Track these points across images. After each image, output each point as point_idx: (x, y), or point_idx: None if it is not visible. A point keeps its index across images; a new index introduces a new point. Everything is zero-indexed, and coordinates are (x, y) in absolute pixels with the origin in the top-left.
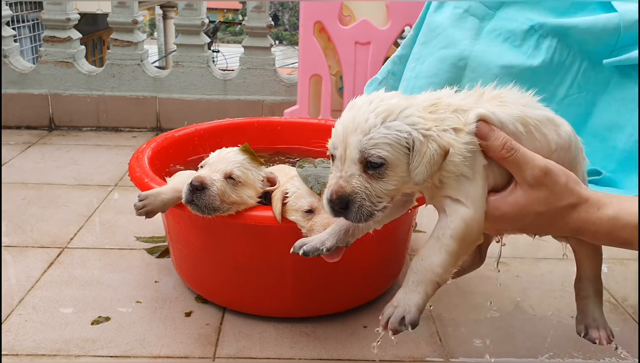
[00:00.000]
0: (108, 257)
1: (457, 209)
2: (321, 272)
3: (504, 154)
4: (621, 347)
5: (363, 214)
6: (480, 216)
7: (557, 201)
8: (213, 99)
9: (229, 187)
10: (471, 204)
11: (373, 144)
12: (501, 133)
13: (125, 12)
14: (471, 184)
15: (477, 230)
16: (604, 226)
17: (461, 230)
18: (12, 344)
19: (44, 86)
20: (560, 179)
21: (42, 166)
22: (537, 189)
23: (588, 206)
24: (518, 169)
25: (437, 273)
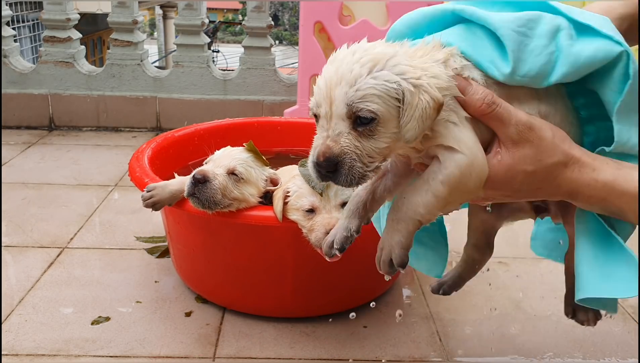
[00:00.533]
0: (108, 257)
1: (451, 156)
2: (321, 272)
3: (485, 109)
4: (621, 347)
5: (354, 177)
6: (478, 164)
7: (546, 158)
8: (213, 99)
9: (231, 183)
10: (467, 150)
11: (361, 96)
12: (480, 87)
13: (125, 12)
14: (460, 131)
15: (476, 178)
16: (599, 190)
17: (454, 177)
18: (12, 344)
19: (44, 86)
20: (546, 134)
21: (42, 166)
22: (522, 146)
23: (581, 166)
24: (500, 125)
25: (418, 212)
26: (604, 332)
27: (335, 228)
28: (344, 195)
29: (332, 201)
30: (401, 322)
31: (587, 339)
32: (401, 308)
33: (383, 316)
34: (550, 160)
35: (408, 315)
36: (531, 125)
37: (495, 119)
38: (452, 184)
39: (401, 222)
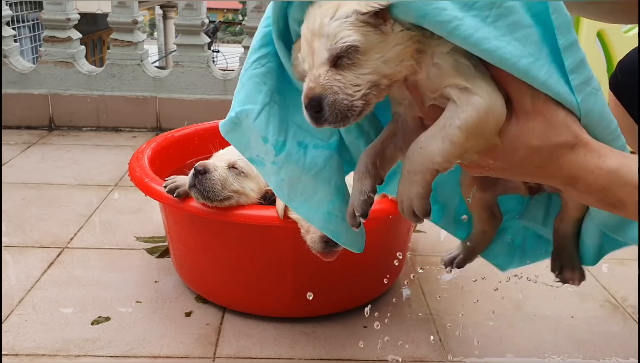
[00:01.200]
0: (108, 257)
1: (468, 99)
2: (321, 272)
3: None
4: (621, 347)
5: (340, 110)
6: (497, 107)
7: (554, 136)
8: (213, 99)
9: (232, 176)
10: (483, 92)
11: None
12: None
13: (125, 12)
14: (476, 74)
15: (494, 123)
16: (602, 178)
17: (472, 121)
18: (12, 344)
19: (44, 86)
20: (559, 111)
21: (42, 166)
22: (534, 118)
23: (587, 151)
24: (519, 91)
25: (436, 162)
26: (604, 332)
27: (351, 195)
28: None
29: None
30: (401, 322)
31: (587, 339)
32: (401, 308)
33: (383, 316)
34: (558, 138)
35: (408, 315)
36: (546, 98)
37: (513, 85)
38: (470, 129)
39: (418, 173)
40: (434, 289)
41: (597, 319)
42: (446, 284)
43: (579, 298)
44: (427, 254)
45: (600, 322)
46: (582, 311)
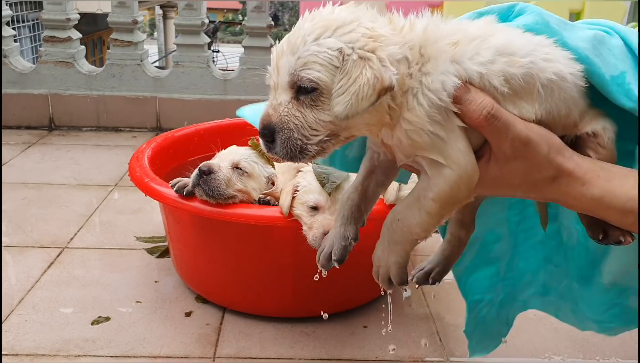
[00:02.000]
0: (108, 257)
1: (439, 172)
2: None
3: (482, 122)
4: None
5: (291, 149)
6: (468, 176)
7: (535, 174)
8: (213, 99)
9: (235, 176)
10: (454, 164)
11: (302, 64)
12: (481, 97)
13: (125, 12)
14: (447, 144)
15: (466, 190)
16: (586, 203)
17: (445, 193)
18: (12, 344)
19: (44, 86)
20: (541, 149)
21: (42, 166)
22: (514, 161)
23: (570, 181)
24: (496, 139)
25: (415, 233)
26: None
27: (331, 237)
28: None
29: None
30: (401, 322)
31: (587, 339)
32: (401, 308)
33: (383, 317)
34: (539, 175)
35: (408, 315)
36: (528, 140)
37: (491, 133)
38: (443, 200)
39: (398, 244)
40: (434, 289)
41: None
42: (446, 284)
43: None
44: (427, 254)
45: None
46: None
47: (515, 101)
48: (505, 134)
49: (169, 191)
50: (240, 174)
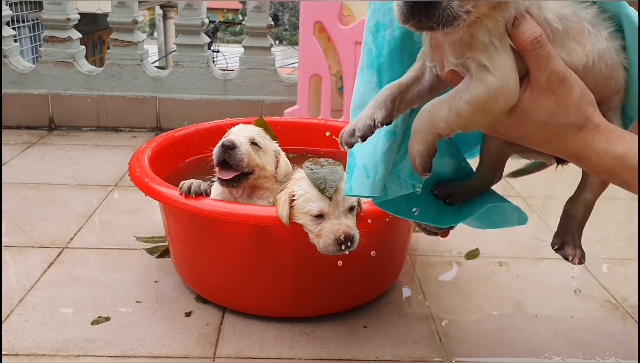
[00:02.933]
0: (108, 257)
1: (483, 77)
2: (321, 272)
3: (527, 46)
4: (621, 347)
5: (450, 13)
6: (508, 91)
7: (563, 116)
8: (213, 99)
9: (253, 151)
10: (499, 74)
11: None
12: (532, 22)
13: (125, 12)
14: (499, 54)
15: (502, 104)
16: (607, 161)
17: (481, 99)
18: (12, 344)
19: (44, 86)
20: (574, 92)
21: (42, 166)
22: (546, 95)
23: (595, 134)
24: (536, 67)
25: (439, 126)
26: (604, 331)
27: (358, 117)
28: (351, 200)
29: (340, 206)
30: (401, 322)
31: (587, 339)
32: (401, 308)
33: (383, 316)
34: (566, 119)
35: (408, 315)
36: (564, 78)
37: (533, 59)
38: (477, 105)
39: (421, 133)
40: (434, 289)
41: (597, 319)
42: (446, 284)
43: (579, 298)
44: (427, 254)
45: (600, 322)
46: (582, 311)
47: (565, 41)
48: (545, 64)
49: (169, 191)
50: (257, 150)
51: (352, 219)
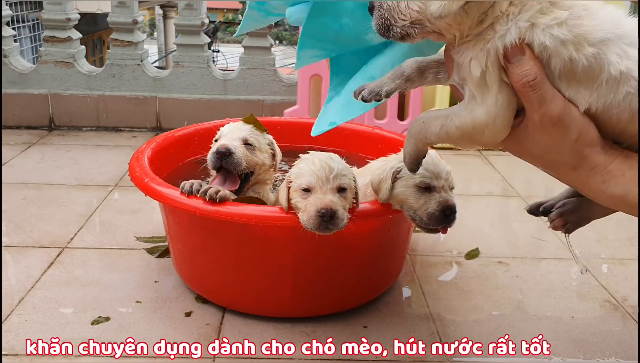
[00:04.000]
0: (108, 257)
1: (473, 108)
2: (321, 272)
3: (519, 87)
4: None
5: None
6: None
7: (555, 155)
8: (213, 99)
9: (248, 151)
10: (486, 111)
11: None
12: (528, 62)
13: (125, 12)
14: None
15: (488, 137)
16: (605, 199)
17: (467, 129)
18: (12, 344)
19: (44, 86)
20: (569, 134)
21: (42, 166)
22: (541, 134)
23: (591, 174)
24: (530, 106)
25: (429, 138)
26: (604, 331)
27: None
28: (342, 180)
29: (330, 183)
30: (401, 322)
31: (587, 339)
32: (401, 308)
33: (383, 316)
34: (558, 158)
35: (408, 315)
36: (558, 121)
37: (526, 99)
38: (464, 133)
39: (413, 139)
40: (434, 289)
41: (597, 319)
42: (446, 284)
43: (579, 298)
44: (427, 254)
45: (600, 322)
46: (582, 312)
47: (572, 83)
48: (537, 106)
49: (169, 191)
50: (252, 149)
51: (339, 198)
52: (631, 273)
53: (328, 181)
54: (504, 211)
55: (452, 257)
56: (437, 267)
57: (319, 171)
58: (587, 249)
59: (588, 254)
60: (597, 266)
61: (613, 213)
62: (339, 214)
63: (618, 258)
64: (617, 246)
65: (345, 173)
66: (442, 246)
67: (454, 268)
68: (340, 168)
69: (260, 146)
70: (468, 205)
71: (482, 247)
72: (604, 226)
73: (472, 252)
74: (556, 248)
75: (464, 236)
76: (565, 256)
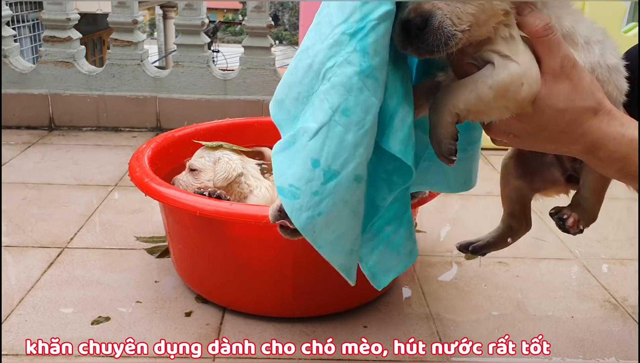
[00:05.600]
0: (108, 257)
1: (506, 64)
2: (321, 272)
3: (540, 31)
4: (621, 347)
5: (443, 35)
6: (531, 75)
7: (579, 100)
8: (213, 99)
9: (191, 178)
10: (521, 61)
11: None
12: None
13: (125, 12)
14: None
15: (526, 91)
16: (624, 146)
17: (504, 84)
18: (12, 344)
19: (44, 86)
20: (585, 76)
21: (42, 166)
22: (561, 81)
23: (610, 118)
24: (548, 53)
25: (457, 107)
26: (604, 331)
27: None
28: None
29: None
30: (401, 322)
31: (587, 339)
32: (401, 308)
33: (383, 316)
34: (582, 103)
35: (408, 315)
36: (575, 62)
37: (545, 45)
38: (499, 90)
39: (438, 114)
40: (434, 289)
41: (597, 319)
42: (446, 284)
43: (579, 298)
44: (427, 254)
45: (600, 322)
46: (582, 312)
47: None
48: (557, 50)
49: (169, 191)
50: (196, 175)
51: None
52: (631, 273)
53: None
54: None
55: (452, 257)
56: (437, 267)
57: None
58: (587, 249)
59: (588, 254)
60: (597, 266)
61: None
62: None
63: (618, 258)
64: (617, 246)
65: None
66: (442, 246)
67: (454, 268)
68: None
69: (204, 169)
70: (468, 205)
71: None
72: (604, 226)
73: None
74: (556, 248)
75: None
76: (565, 256)
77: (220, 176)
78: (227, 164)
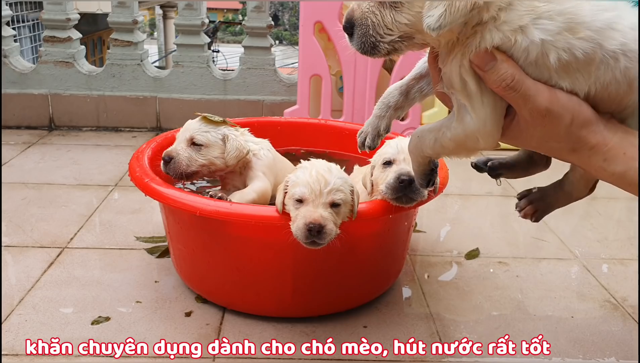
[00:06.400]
0: (108, 257)
1: (462, 117)
2: (321, 272)
3: (499, 91)
4: (621, 347)
5: (364, 43)
6: (485, 130)
7: (552, 142)
8: (213, 99)
9: (194, 152)
10: (476, 116)
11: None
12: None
13: (125, 12)
14: (476, 94)
15: (482, 142)
16: (607, 177)
17: (460, 138)
18: (12, 344)
19: (44, 86)
20: (562, 121)
21: (42, 166)
22: (533, 127)
23: (592, 154)
24: (516, 106)
25: (426, 153)
26: (604, 331)
27: (368, 123)
28: (336, 195)
29: (323, 197)
30: (401, 322)
31: (587, 339)
32: (401, 308)
33: (383, 316)
34: (556, 145)
35: (408, 315)
36: (547, 112)
37: (511, 100)
38: (458, 143)
39: (412, 154)
40: (434, 289)
41: (597, 319)
42: (446, 284)
43: (579, 298)
44: (427, 254)
45: (600, 322)
46: (582, 311)
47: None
48: (523, 104)
49: (169, 191)
50: (199, 149)
51: (330, 213)
52: (631, 273)
53: (321, 195)
54: (504, 211)
55: (452, 257)
56: (437, 267)
57: (314, 183)
58: (587, 249)
59: (588, 254)
60: (597, 266)
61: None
62: (326, 230)
63: (618, 258)
64: (617, 246)
65: (342, 187)
66: (442, 246)
67: (454, 268)
68: (337, 182)
69: (209, 144)
70: (468, 205)
71: (482, 247)
72: (604, 226)
73: (472, 252)
74: (556, 248)
75: (464, 236)
76: (565, 256)
77: (232, 155)
78: (237, 142)
